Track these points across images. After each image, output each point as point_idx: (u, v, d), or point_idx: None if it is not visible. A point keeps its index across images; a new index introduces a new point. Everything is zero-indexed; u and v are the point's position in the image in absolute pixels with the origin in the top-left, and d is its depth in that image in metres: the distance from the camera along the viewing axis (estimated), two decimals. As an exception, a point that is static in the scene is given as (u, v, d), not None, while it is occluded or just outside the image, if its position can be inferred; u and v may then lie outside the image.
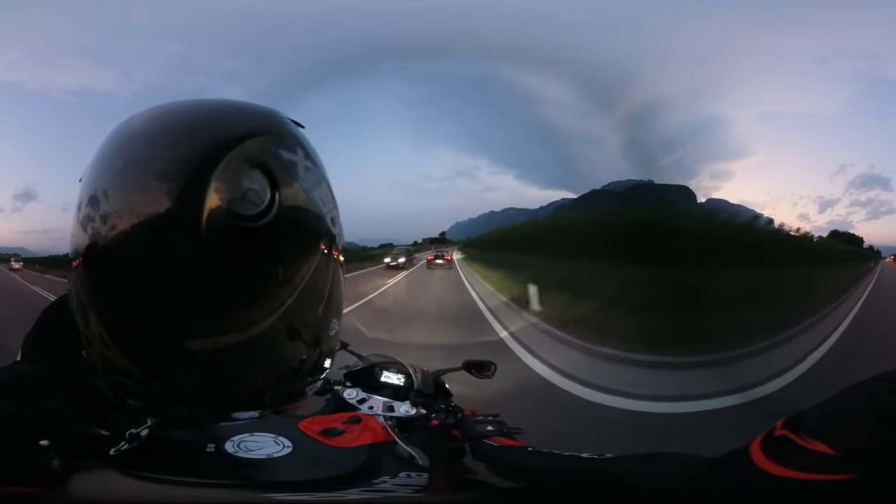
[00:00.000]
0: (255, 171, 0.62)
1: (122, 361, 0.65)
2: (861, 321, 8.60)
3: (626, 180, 21.27)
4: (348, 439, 0.69)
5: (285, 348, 0.69)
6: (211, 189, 0.59)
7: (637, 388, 4.98)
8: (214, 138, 0.62)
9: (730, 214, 15.56)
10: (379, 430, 0.74)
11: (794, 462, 0.53)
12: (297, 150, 0.67)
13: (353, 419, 0.73)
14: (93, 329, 0.66)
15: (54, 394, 0.68)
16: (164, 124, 0.65)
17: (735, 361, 6.02)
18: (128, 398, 0.67)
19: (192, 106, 0.68)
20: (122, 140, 0.65)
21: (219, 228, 0.59)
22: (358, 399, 1.09)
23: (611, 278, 9.53)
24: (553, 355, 6.11)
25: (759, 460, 0.55)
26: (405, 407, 1.06)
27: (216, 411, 0.69)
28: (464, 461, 0.89)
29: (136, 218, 0.60)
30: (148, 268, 0.61)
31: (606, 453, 0.69)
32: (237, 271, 0.62)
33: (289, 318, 0.66)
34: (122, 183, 0.62)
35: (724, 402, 4.68)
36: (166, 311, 0.62)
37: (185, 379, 0.66)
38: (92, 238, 0.62)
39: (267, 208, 0.62)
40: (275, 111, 0.70)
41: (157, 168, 0.61)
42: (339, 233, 0.71)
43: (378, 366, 1.21)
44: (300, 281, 0.66)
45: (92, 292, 0.65)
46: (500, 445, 0.87)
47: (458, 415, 1.00)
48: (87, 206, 0.64)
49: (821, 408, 0.56)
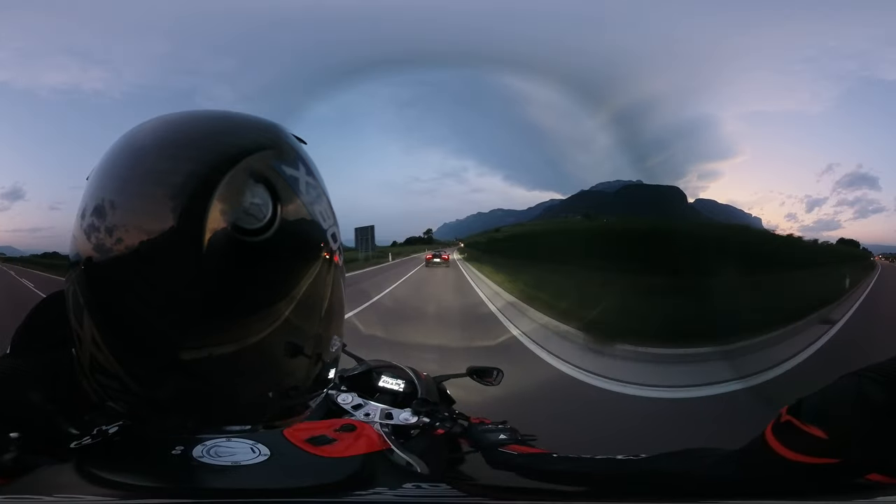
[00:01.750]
0: (259, 186, 0.63)
1: (110, 364, 0.65)
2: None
3: (616, 181, 21.26)
4: (340, 448, 0.67)
5: (285, 362, 0.69)
6: (214, 203, 0.60)
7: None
8: (220, 152, 0.63)
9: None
10: (375, 438, 0.71)
11: (797, 446, 0.58)
12: (300, 166, 0.67)
13: (348, 427, 0.71)
14: (86, 329, 0.66)
15: (36, 388, 0.68)
16: (171, 137, 0.65)
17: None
18: (109, 400, 0.68)
19: (198, 119, 0.68)
20: (129, 151, 0.66)
21: (221, 242, 0.60)
22: (353, 405, 1.03)
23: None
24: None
25: (775, 445, 0.59)
26: (405, 414, 0.99)
27: (207, 423, 0.68)
28: (477, 470, 0.86)
29: (139, 228, 0.61)
30: (148, 277, 0.61)
31: (641, 453, 0.70)
32: (237, 285, 0.62)
33: (288, 332, 0.67)
34: (127, 193, 0.63)
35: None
36: (164, 321, 0.62)
37: (173, 389, 0.66)
38: (94, 244, 0.63)
39: (269, 223, 0.62)
40: (277, 125, 0.71)
41: (163, 181, 0.61)
42: (339, 248, 0.72)
43: (376, 370, 1.16)
44: (300, 295, 0.66)
45: (90, 295, 0.65)
46: (521, 454, 0.84)
47: (463, 423, 0.95)
48: (92, 214, 0.64)
49: (818, 395, 0.60)
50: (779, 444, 0.59)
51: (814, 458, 0.57)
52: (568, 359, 5.91)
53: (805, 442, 0.57)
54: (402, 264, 17.99)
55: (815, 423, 0.57)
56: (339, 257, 0.72)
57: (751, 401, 4.57)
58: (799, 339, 6.62)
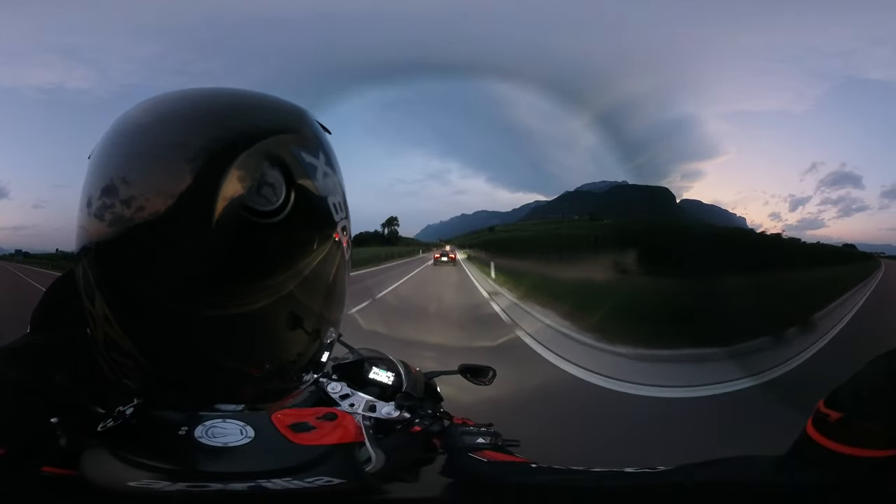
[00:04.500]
0: (274, 169, 0.62)
1: (123, 341, 0.66)
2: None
3: (602, 182, 21.27)
4: (316, 436, 0.68)
5: (285, 342, 0.70)
6: (228, 179, 0.59)
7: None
8: (238, 129, 0.62)
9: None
10: (352, 429, 0.72)
11: (847, 438, 0.55)
12: (319, 155, 0.67)
13: (329, 415, 0.72)
14: (97, 308, 0.66)
15: (60, 366, 0.69)
16: (188, 110, 0.65)
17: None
18: (124, 377, 0.68)
19: (222, 94, 0.67)
20: (139, 125, 0.65)
21: (230, 219, 0.60)
22: (341, 394, 1.02)
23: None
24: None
25: (823, 441, 0.56)
26: (388, 408, 0.98)
27: (200, 401, 0.69)
28: (423, 469, 0.84)
29: (149, 201, 0.60)
30: (156, 251, 0.62)
31: (625, 467, 0.67)
32: (243, 263, 0.62)
33: (291, 308, 0.67)
34: (138, 167, 0.62)
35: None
36: (170, 295, 0.63)
37: (180, 364, 0.66)
38: (102, 224, 0.62)
39: (280, 207, 0.62)
40: (304, 111, 0.70)
41: (177, 154, 0.61)
42: (348, 241, 0.72)
43: (368, 361, 1.14)
44: (303, 280, 0.67)
45: (98, 271, 0.65)
46: (489, 461, 0.81)
47: (444, 422, 0.93)
48: (100, 190, 0.63)
49: (851, 382, 0.58)
50: (825, 439, 0.56)
51: (870, 451, 0.54)
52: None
53: (854, 433, 0.55)
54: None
55: (858, 411, 0.55)
56: (348, 251, 0.72)
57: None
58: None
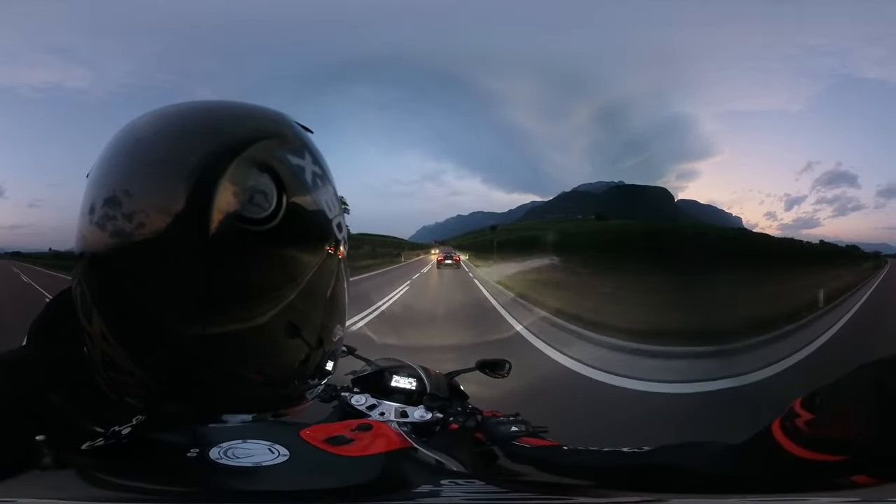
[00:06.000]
0: (264, 176, 0.63)
1: (122, 359, 0.65)
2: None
3: (598, 182, 20.87)
4: (359, 447, 0.66)
5: (286, 349, 0.70)
6: (220, 192, 0.60)
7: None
8: (224, 142, 0.63)
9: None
10: (393, 436, 0.71)
11: (806, 441, 0.55)
12: (305, 155, 0.68)
13: (364, 426, 0.71)
14: (95, 325, 0.66)
15: (56, 384, 0.68)
16: (176, 127, 0.65)
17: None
18: (125, 396, 0.67)
19: (202, 108, 0.68)
20: (133, 141, 0.66)
21: (226, 231, 0.60)
22: (368, 405, 1.04)
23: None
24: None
25: (782, 440, 0.56)
26: (419, 412, 1.01)
27: (207, 411, 0.68)
28: (499, 463, 0.86)
29: (144, 218, 0.61)
30: (154, 267, 0.62)
31: (644, 446, 0.69)
32: (242, 274, 0.63)
33: (291, 319, 0.67)
34: (132, 184, 0.63)
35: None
36: (169, 310, 0.63)
37: (183, 377, 0.66)
38: (98, 238, 0.63)
39: (273, 212, 0.62)
40: (283, 114, 0.71)
41: (169, 170, 0.62)
42: (344, 238, 0.72)
43: (387, 370, 1.16)
44: (304, 282, 0.67)
45: (96, 289, 0.66)
46: (533, 446, 0.84)
47: (477, 417, 0.96)
48: (95, 206, 0.64)
49: (832, 387, 0.57)
50: (786, 439, 0.56)
51: (823, 455, 0.54)
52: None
53: (816, 437, 0.54)
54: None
55: (830, 416, 0.55)
56: (345, 247, 0.72)
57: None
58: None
